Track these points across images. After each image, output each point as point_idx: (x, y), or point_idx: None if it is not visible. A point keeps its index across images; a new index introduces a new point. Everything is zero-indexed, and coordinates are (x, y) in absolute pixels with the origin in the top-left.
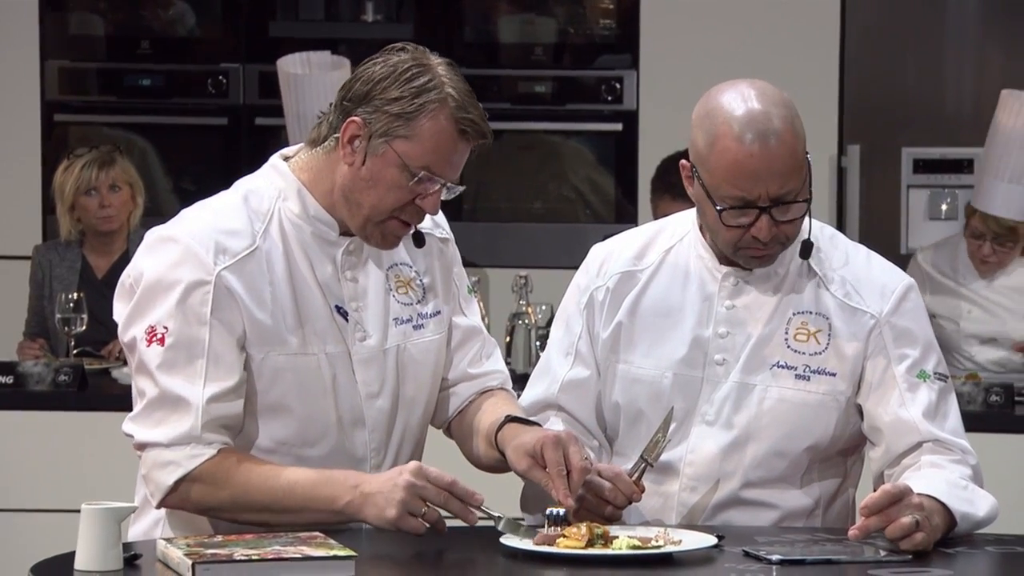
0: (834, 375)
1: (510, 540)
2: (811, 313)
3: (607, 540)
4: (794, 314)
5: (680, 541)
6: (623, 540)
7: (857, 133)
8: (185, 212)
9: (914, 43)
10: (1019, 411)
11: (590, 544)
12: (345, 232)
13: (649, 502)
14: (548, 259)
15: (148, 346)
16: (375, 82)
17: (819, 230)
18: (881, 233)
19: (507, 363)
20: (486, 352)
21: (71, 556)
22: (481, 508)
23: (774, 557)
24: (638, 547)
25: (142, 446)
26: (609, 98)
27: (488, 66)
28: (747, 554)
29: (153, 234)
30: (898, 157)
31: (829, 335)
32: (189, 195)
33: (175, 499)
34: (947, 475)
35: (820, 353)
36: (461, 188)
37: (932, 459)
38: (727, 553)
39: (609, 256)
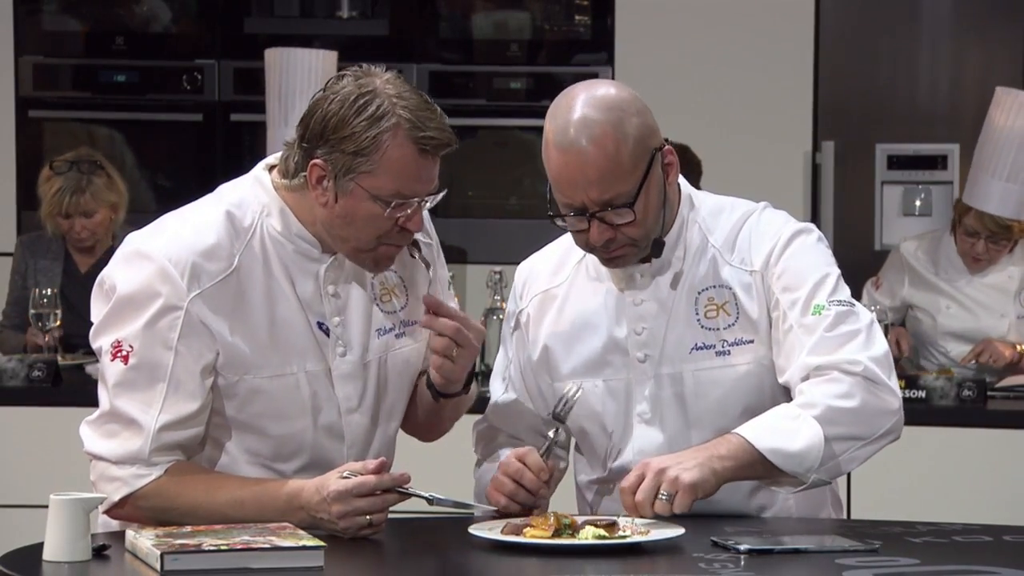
0: (752, 341)
1: (478, 530)
2: (714, 287)
3: (574, 530)
4: (699, 292)
5: (648, 531)
6: (590, 530)
7: (831, 129)
8: (167, 222)
9: (888, 39)
10: (991, 406)
11: (557, 534)
12: (328, 249)
13: (615, 507)
14: (523, 255)
15: (112, 360)
16: (327, 121)
17: (725, 204)
18: (855, 229)
19: (480, 358)
20: None
21: (40, 547)
22: (408, 490)
23: (742, 547)
24: (605, 537)
25: (91, 455)
26: None
27: (463, 62)
28: (715, 544)
29: (132, 243)
30: (872, 153)
31: (736, 304)
32: (164, 191)
33: (122, 513)
34: (780, 410)
35: (732, 325)
36: (442, 194)
37: (800, 387)
38: (695, 543)
39: (529, 276)
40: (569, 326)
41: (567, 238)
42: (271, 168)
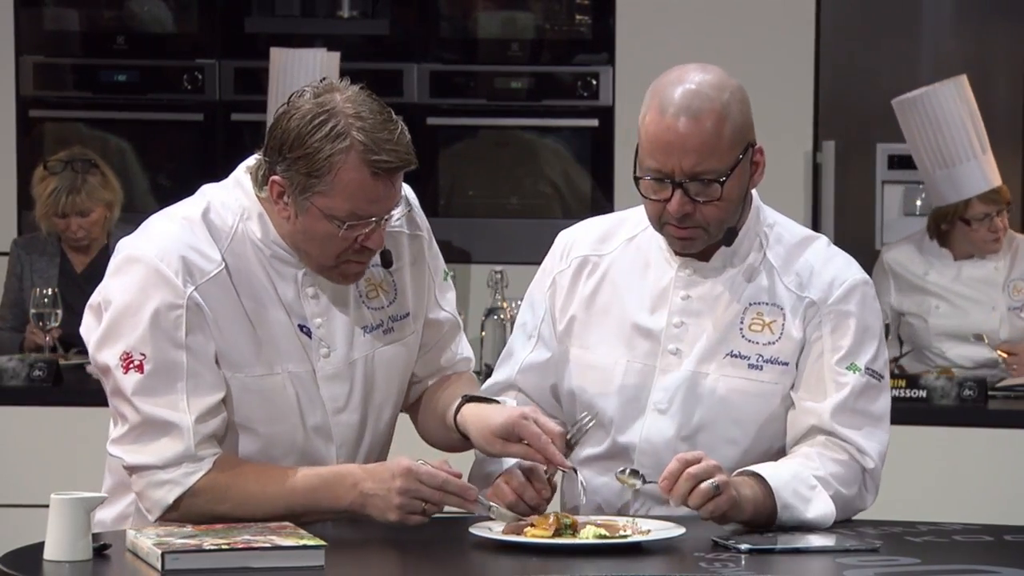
0: (787, 364)
1: (478, 530)
2: (766, 304)
3: (575, 530)
4: (750, 304)
5: (648, 531)
6: (590, 530)
7: (832, 129)
8: (152, 224)
9: (889, 39)
10: (992, 405)
11: (558, 534)
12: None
13: (605, 490)
14: (524, 255)
15: (125, 373)
16: (285, 137)
17: (783, 222)
18: (856, 229)
19: (480, 358)
20: (460, 348)
21: (41, 547)
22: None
23: (742, 546)
24: (605, 536)
25: (133, 468)
26: (585, 94)
27: (465, 62)
28: (715, 543)
29: (121, 252)
30: (873, 153)
31: (783, 326)
32: (165, 191)
33: (175, 515)
34: (802, 466)
35: (774, 343)
36: (404, 211)
37: (809, 451)
38: (695, 542)
39: (574, 241)
40: (606, 299)
41: (616, 215)
42: (251, 171)
